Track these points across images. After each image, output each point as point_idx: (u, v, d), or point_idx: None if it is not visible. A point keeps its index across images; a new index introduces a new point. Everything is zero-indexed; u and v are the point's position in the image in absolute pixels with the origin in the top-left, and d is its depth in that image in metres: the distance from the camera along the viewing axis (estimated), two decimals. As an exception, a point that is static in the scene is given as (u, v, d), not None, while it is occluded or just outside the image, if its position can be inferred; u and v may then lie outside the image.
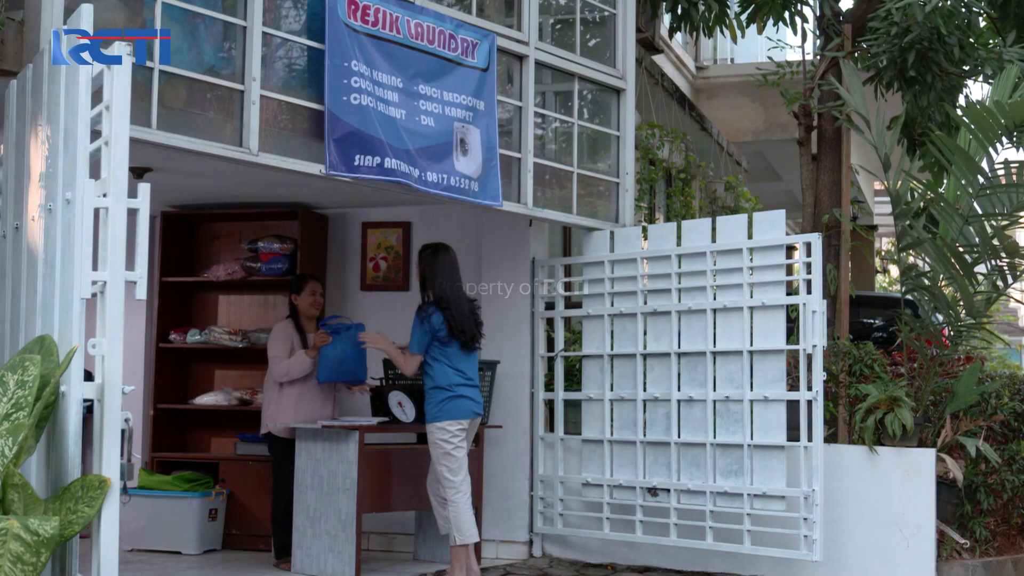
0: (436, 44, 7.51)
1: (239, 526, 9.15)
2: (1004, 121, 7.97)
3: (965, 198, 8.43)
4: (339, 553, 7.73)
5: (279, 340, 8.39)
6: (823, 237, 8.23)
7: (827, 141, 9.81)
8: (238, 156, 6.36)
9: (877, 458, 7.87)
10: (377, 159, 7.02)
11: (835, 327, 9.05)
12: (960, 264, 8.32)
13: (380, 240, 9.56)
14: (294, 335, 8.42)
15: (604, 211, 8.90)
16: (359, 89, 6.95)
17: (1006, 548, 8.57)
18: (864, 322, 11.93)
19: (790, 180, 15.92)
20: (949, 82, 9.37)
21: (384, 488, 7.93)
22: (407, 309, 9.28)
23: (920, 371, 8.62)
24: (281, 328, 8.46)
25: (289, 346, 8.38)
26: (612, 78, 8.95)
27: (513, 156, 8.12)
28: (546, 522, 8.69)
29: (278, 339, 8.40)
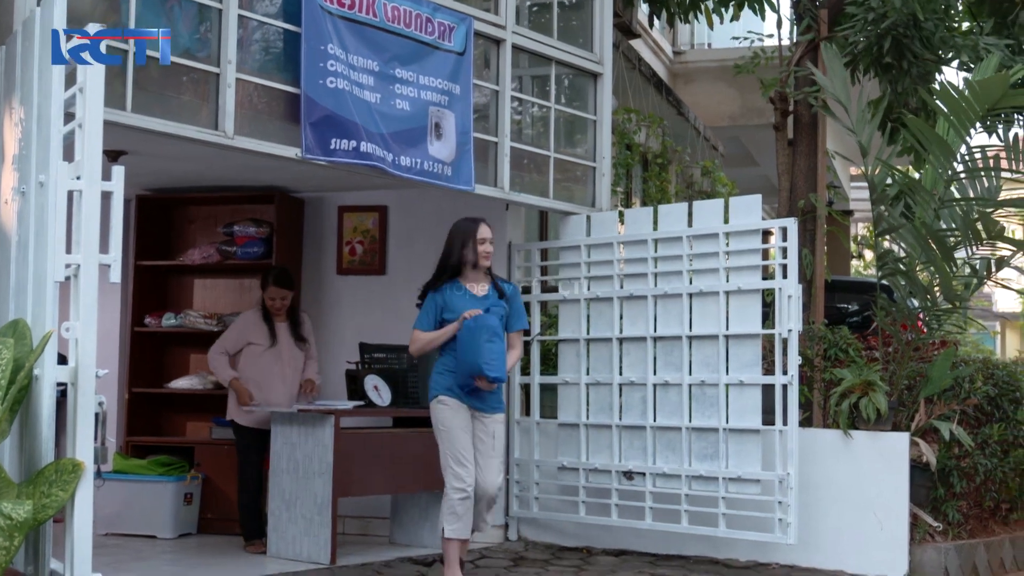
0: (413, 28, 7.49)
1: (214, 510, 9.13)
2: (977, 105, 7.98)
3: (941, 183, 8.46)
4: (315, 537, 7.72)
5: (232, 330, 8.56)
6: (799, 222, 8.25)
7: (803, 126, 9.84)
8: (214, 139, 6.34)
9: (851, 442, 7.91)
10: (353, 143, 7.01)
11: (810, 312, 9.09)
12: (940, 248, 8.34)
13: (356, 224, 9.54)
14: (258, 326, 8.46)
15: (581, 195, 8.90)
16: (335, 72, 6.92)
17: (978, 531, 8.64)
18: (839, 307, 11.96)
19: (766, 165, 15.94)
20: (925, 68, 9.40)
21: (360, 472, 7.92)
22: (383, 293, 9.31)
23: (895, 355, 8.65)
24: (244, 317, 8.55)
25: (239, 344, 8.47)
26: (589, 62, 8.94)
27: (490, 140, 8.11)
28: (522, 506, 8.71)
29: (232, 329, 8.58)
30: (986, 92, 7.91)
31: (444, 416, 6.86)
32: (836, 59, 8.66)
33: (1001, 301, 34.50)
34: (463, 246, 6.96)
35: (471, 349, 6.80)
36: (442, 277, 7.00)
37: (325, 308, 9.45)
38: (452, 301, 6.92)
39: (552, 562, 8.00)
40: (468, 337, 6.81)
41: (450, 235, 7.04)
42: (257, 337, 8.47)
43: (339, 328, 9.25)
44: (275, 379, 8.42)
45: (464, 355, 6.81)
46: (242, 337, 8.50)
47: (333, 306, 9.48)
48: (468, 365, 6.80)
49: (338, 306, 9.48)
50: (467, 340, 6.80)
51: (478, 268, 6.98)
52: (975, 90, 7.93)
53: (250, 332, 8.49)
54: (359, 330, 9.05)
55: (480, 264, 6.99)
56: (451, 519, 6.75)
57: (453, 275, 6.98)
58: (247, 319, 8.54)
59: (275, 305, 8.49)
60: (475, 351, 6.78)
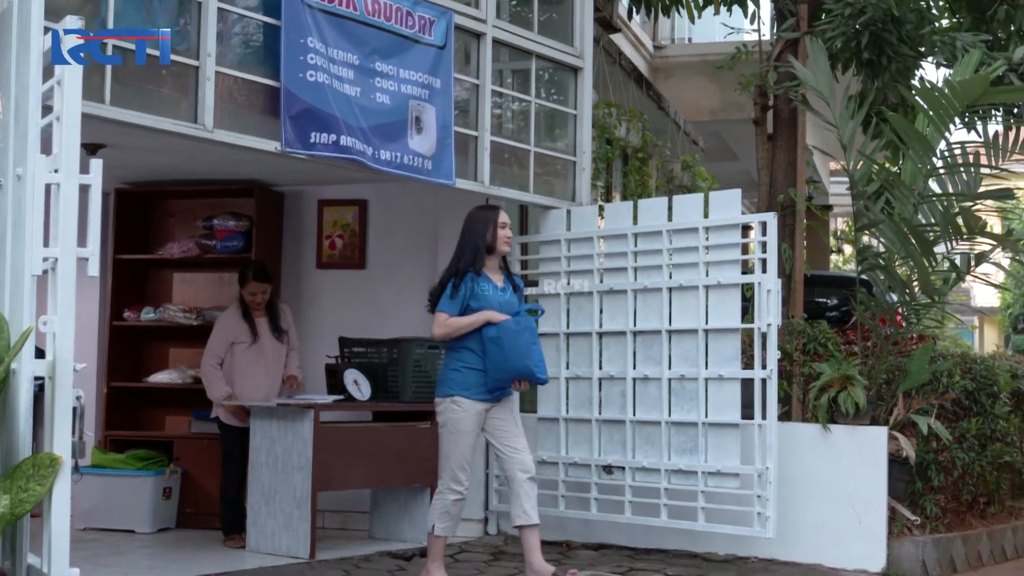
0: (393, 21, 7.48)
1: (193, 504, 9.12)
2: (957, 102, 8.01)
3: (920, 179, 8.48)
4: (294, 531, 7.71)
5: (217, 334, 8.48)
6: (778, 217, 8.26)
7: (783, 121, 9.85)
8: (193, 133, 6.31)
9: (830, 436, 7.93)
10: (333, 136, 6.99)
11: (790, 306, 9.10)
12: (919, 243, 8.37)
13: (336, 218, 9.52)
14: (239, 325, 8.44)
15: (561, 190, 8.91)
16: (315, 66, 6.91)
17: (956, 525, 8.68)
18: (818, 301, 12.00)
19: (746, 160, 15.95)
20: (904, 64, 9.42)
21: (339, 466, 7.91)
22: (363, 288, 9.31)
23: (873, 350, 8.69)
24: (225, 318, 8.51)
25: (225, 348, 8.43)
26: (570, 57, 8.94)
27: (470, 134, 8.10)
28: (502, 500, 8.70)
29: (217, 332, 8.49)
30: (966, 90, 7.94)
31: (457, 419, 6.71)
32: (820, 53, 8.67)
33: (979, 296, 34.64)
34: (484, 232, 6.87)
35: (518, 352, 6.69)
36: (468, 263, 6.82)
37: (304, 302, 9.43)
38: (478, 289, 6.78)
39: (532, 556, 7.99)
40: (512, 339, 6.69)
41: (469, 222, 6.94)
42: (240, 336, 8.45)
43: (319, 322, 9.23)
44: (259, 376, 8.40)
45: (511, 358, 6.67)
46: (227, 339, 8.47)
47: (313, 300, 9.47)
48: (514, 368, 6.69)
49: (318, 300, 9.47)
50: (512, 342, 6.68)
51: (495, 255, 6.90)
52: (955, 88, 7.95)
53: (233, 332, 8.46)
54: (339, 324, 9.04)
55: (500, 250, 6.91)
56: (443, 518, 6.69)
57: (476, 262, 6.84)
58: (227, 320, 8.51)
59: (255, 300, 8.47)
60: (524, 354, 6.70)
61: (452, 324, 6.73)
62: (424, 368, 8.46)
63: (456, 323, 6.73)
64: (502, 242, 6.88)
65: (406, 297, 9.16)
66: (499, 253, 6.90)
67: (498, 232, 6.86)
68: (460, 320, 6.73)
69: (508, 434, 6.83)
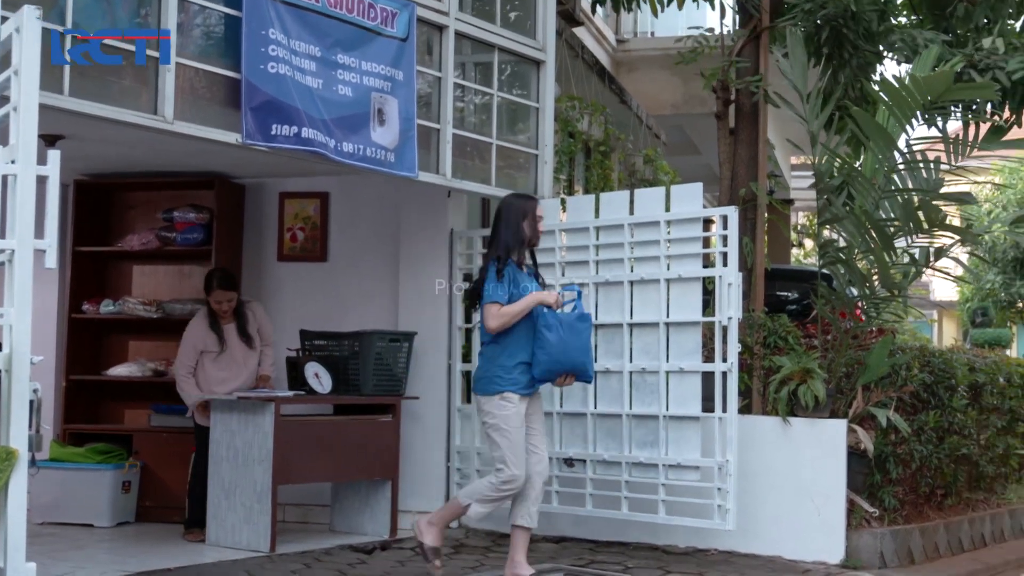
0: (355, 13, 7.45)
1: (153, 498, 9.07)
2: (920, 97, 8.05)
3: (881, 173, 8.53)
4: (254, 525, 7.69)
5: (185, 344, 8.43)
6: (740, 210, 8.30)
7: (744, 115, 9.89)
8: (153, 124, 6.26)
9: (790, 429, 7.98)
10: (294, 128, 6.96)
11: (750, 299, 9.14)
12: (880, 237, 8.41)
13: (298, 210, 9.49)
14: (207, 335, 8.40)
15: (523, 183, 8.90)
16: (276, 58, 6.88)
17: (914, 517, 8.74)
18: (779, 295, 12.05)
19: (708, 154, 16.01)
20: (864, 59, 9.48)
21: (300, 459, 7.89)
22: (325, 280, 9.28)
23: (833, 343, 8.73)
24: (192, 328, 8.45)
25: (195, 357, 8.38)
26: (532, 50, 8.94)
27: (432, 127, 8.08)
28: (463, 493, 8.71)
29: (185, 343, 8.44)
30: (930, 85, 7.97)
31: (509, 417, 6.65)
32: (798, 45, 8.69)
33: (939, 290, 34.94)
34: (523, 223, 6.84)
35: (578, 347, 6.70)
36: (510, 252, 6.76)
37: (265, 295, 9.39)
38: (518, 278, 6.76)
39: (492, 549, 8.01)
40: (572, 334, 6.69)
41: (507, 210, 6.90)
42: (208, 345, 8.41)
43: (280, 315, 9.19)
44: (229, 383, 8.33)
45: (570, 351, 6.66)
46: (195, 349, 8.42)
47: (274, 293, 9.43)
48: (570, 362, 6.69)
49: (279, 293, 9.43)
50: (571, 337, 6.67)
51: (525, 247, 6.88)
52: (919, 83, 7.99)
53: (201, 342, 8.42)
54: (300, 317, 9.02)
55: (534, 243, 6.92)
56: (487, 504, 6.71)
57: (516, 253, 6.80)
58: (195, 329, 8.45)
59: (221, 308, 8.42)
60: (583, 348, 6.71)
61: (507, 313, 6.66)
62: (385, 361, 8.45)
63: (510, 311, 6.67)
64: (538, 235, 6.91)
65: (368, 290, 9.16)
66: (531, 246, 6.92)
67: (537, 225, 6.89)
68: (513, 307, 6.68)
69: (534, 432, 6.84)
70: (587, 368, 6.80)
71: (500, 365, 6.71)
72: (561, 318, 6.72)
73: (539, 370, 6.70)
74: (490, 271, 6.73)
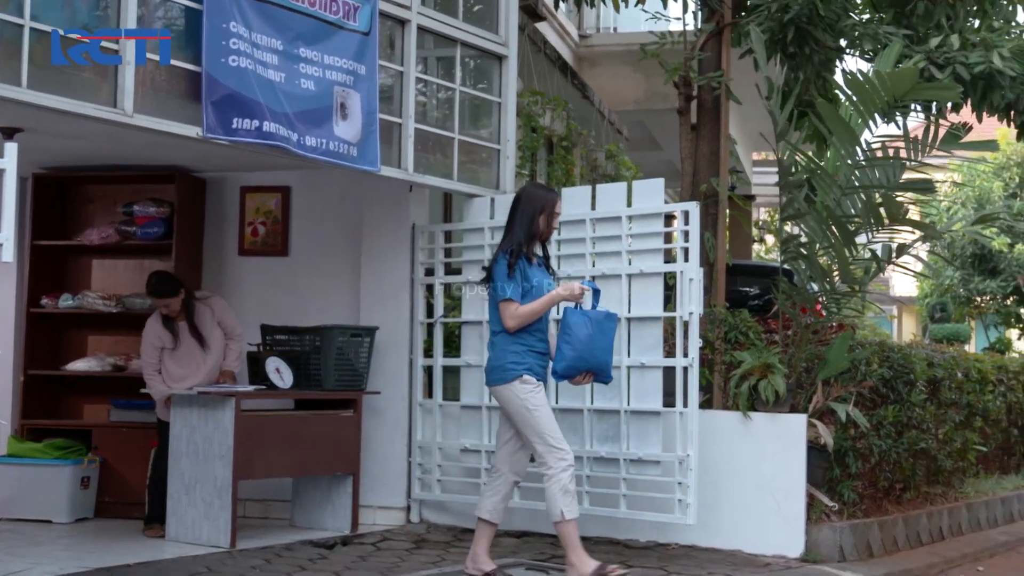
0: (317, 6, 7.42)
1: (112, 494, 9.02)
2: (884, 94, 8.09)
3: (844, 169, 8.57)
4: (214, 520, 7.66)
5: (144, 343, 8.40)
6: (701, 206, 8.32)
7: (706, 111, 9.93)
8: (112, 117, 6.22)
9: (750, 424, 8.01)
10: (256, 122, 6.92)
11: (712, 295, 9.18)
12: (841, 232, 8.45)
13: (259, 205, 9.45)
14: (161, 332, 8.36)
15: (485, 178, 8.90)
16: (238, 51, 6.83)
17: (873, 511, 8.80)
18: (740, 290, 12.10)
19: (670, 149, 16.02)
20: (826, 56, 9.53)
21: (261, 455, 7.86)
22: (286, 275, 9.25)
23: (794, 339, 8.78)
24: (148, 326, 8.41)
25: (157, 354, 8.34)
26: (494, 45, 8.93)
27: (394, 121, 8.06)
28: (424, 488, 8.70)
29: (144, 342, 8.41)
30: (895, 82, 8.01)
31: (534, 396, 6.65)
32: (759, 41, 8.72)
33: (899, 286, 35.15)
34: (540, 215, 6.83)
35: (604, 347, 6.70)
36: (523, 245, 6.75)
37: (226, 290, 9.35)
38: (529, 273, 6.75)
39: (454, 544, 8.01)
40: (600, 332, 6.68)
41: (527, 200, 6.89)
42: (165, 342, 8.37)
43: (241, 310, 9.13)
44: (188, 379, 8.26)
45: (596, 349, 6.66)
46: (154, 346, 8.38)
47: (235, 288, 9.39)
48: (593, 359, 6.67)
49: (240, 288, 9.39)
50: (599, 335, 6.67)
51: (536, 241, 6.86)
52: (883, 80, 8.03)
53: (158, 339, 8.38)
54: (261, 312, 8.97)
55: (546, 237, 6.92)
56: (567, 499, 6.62)
57: (526, 247, 6.78)
58: (151, 327, 8.42)
59: (165, 312, 8.37)
60: (609, 349, 6.71)
61: (525, 312, 6.68)
62: (347, 356, 8.43)
63: (528, 310, 6.69)
64: (552, 231, 6.91)
65: (329, 284, 9.13)
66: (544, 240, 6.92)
67: (552, 221, 6.88)
68: (533, 305, 6.70)
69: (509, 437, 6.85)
70: (610, 368, 6.79)
71: (513, 351, 6.71)
72: (590, 315, 6.72)
73: (562, 364, 6.69)
74: (501, 265, 6.72)
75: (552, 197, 6.97)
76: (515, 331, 6.70)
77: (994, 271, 23.33)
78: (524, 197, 6.94)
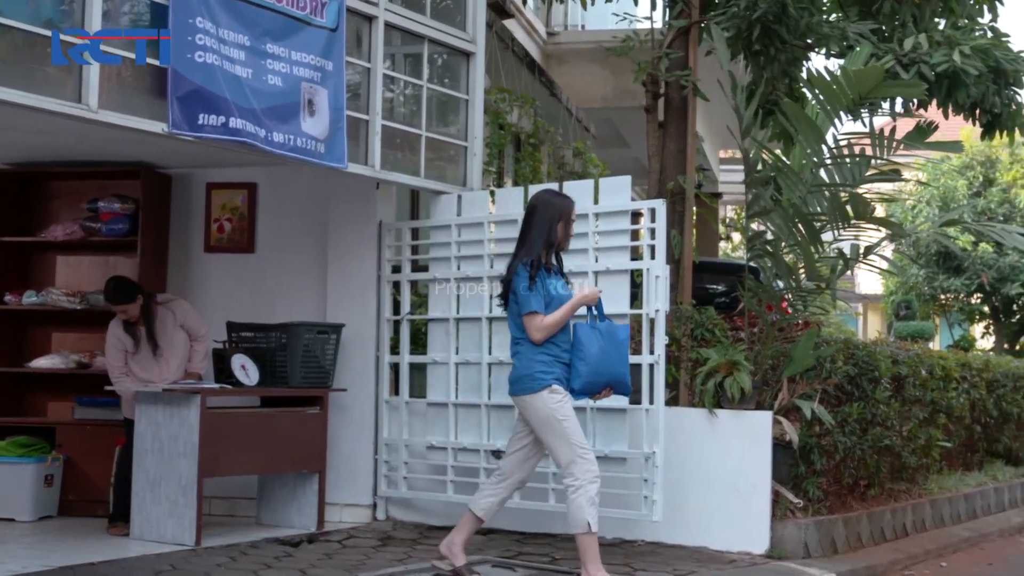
0: (284, 2, 7.39)
1: (76, 492, 8.97)
2: (850, 92, 8.12)
3: (809, 167, 8.60)
4: (179, 518, 7.62)
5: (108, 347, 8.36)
6: (668, 203, 8.35)
7: (673, 109, 9.95)
8: (76, 113, 6.18)
9: (716, 420, 8.04)
10: (222, 118, 6.90)
11: (678, 292, 9.20)
12: (807, 230, 8.48)
13: (225, 201, 9.41)
14: (123, 336, 8.32)
15: (452, 175, 8.90)
16: (204, 47, 6.80)
17: (837, 507, 8.85)
18: (707, 288, 12.14)
19: (637, 147, 16.05)
20: (793, 54, 9.56)
21: (226, 452, 7.83)
22: (252, 272, 9.21)
23: (759, 336, 8.81)
24: (110, 330, 8.37)
25: (122, 357, 8.30)
26: (462, 41, 8.92)
27: (361, 118, 8.05)
28: (390, 485, 8.70)
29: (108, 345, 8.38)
30: (861, 80, 8.04)
31: (563, 406, 6.59)
32: (721, 40, 8.75)
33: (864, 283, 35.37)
34: (557, 223, 6.77)
35: (618, 359, 6.66)
36: (542, 255, 6.69)
37: (192, 286, 9.31)
38: (547, 282, 6.69)
39: (420, 541, 8.01)
40: (612, 344, 6.64)
41: (544, 208, 6.80)
42: (127, 345, 8.33)
43: (206, 307, 9.10)
44: (153, 383, 8.22)
45: (611, 363, 6.62)
46: (118, 349, 8.34)
47: (201, 285, 9.35)
48: (611, 375, 6.64)
49: (206, 285, 9.35)
50: (612, 347, 6.63)
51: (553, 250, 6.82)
52: (849, 78, 8.06)
53: (120, 342, 8.35)
54: (227, 309, 8.95)
55: (564, 247, 6.90)
56: (592, 510, 6.52)
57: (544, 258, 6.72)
58: (113, 330, 8.38)
59: (124, 317, 8.32)
60: (624, 361, 6.67)
61: (550, 323, 6.62)
62: (313, 353, 8.41)
63: (552, 320, 6.64)
64: (569, 238, 6.88)
65: (296, 281, 9.11)
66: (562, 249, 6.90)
67: (569, 228, 6.85)
68: (555, 316, 6.65)
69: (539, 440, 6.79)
70: (628, 380, 6.75)
71: (540, 361, 6.63)
72: (600, 328, 6.69)
73: (580, 382, 6.63)
74: (521, 278, 6.64)
75: (569, 204, 6.89)
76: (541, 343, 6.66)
77: (958, 269, 23.52)
78: (541, 205, 6.84)
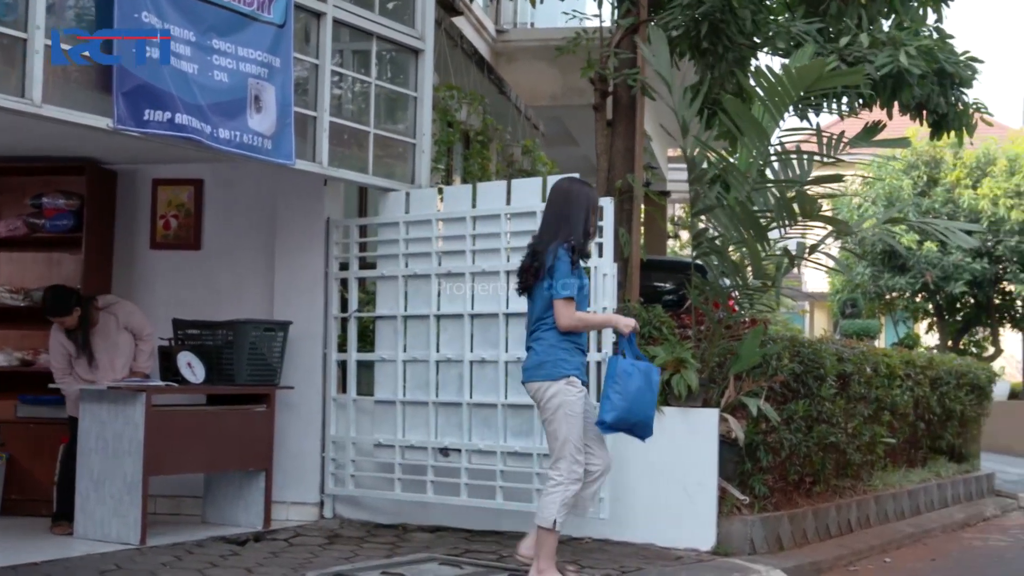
0: (231, -2, 7.36)
1: (19, 491, 8.88)
2: (794, 88, 8.17)
3: (755, 166, 8.65)
4: (123, 517, 7.56)
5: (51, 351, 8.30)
6: (616, 202, 8.37)
7: (622, 107, 9.98)
8: (19, 107, 6.11)
9: (663, 418, 8.06)
10: (168, 114, 6.84)
11: (626, 290, 9.23)
12: (753, 228, 8.52)
13: (171, 197, 9.34)
14: (64, 340, 8.25)
15: (401, 172, 8.88)
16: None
17: (783, 504, 8.92)
18: (655, 286, 12.18)
19: (586, 145, 16.10)
20: (740, 53, 9.62)
21: (172, 450, 7.78)
22: (198, 269, 9.15)
23: (706, 334, 8.86)
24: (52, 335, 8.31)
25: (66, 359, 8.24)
26: (411, 39, 8.90)
27: (309, 115, 8.01)
28: (337, 483, 8.67)
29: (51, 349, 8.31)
30: (803, 76, 8.08)
31: (573, 401, 6.41)
32: (660, 41, 8.78)
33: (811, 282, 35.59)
34: (592, 214, 6.63)
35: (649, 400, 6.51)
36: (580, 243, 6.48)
37: (138, 284, 9.24)
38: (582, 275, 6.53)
39: (367, 539, 7.99)
40: (649, 390, 6.49)
41: (578, 197, 6.60)
42: (69, 349, 8.26)
43: (152, 304, 9.03)
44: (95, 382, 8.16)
45: (645, 405, 6.47)
46: (61, 353, 8.27)
47: (146, 282, 9.28)
48: (643, 415, 6.49)
49: (151, 282, 9.28)
50: (646, 388, 6.46)
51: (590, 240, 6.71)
52: (791, 74, 8.11)
53: (62, 346, 8.27)
54: (173, 306, 8.89)
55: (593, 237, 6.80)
56: (563, 510, 6.40)
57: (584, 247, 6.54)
58: (54, 335, 8.31)
59: (62, 327, 8.25)
60: (652, 404, 6.54)
61: (583, 321, 6.51)
62: (260, 350, 8.37)
63: (586, 321, 6.59)
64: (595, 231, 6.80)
65: (242, 278, 9.06)
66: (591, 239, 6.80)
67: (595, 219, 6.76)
68: (591, 318, 6.68)
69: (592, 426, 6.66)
70: (652, 423, 6.63)
71: (563, 348, 6.44)
72: (640, 367, 6.51)
73: (612, 415, 6.43)
74: (563, 259, 6.37)
75: (595, 197, 6.77)
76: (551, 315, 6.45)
77: (903, 268, 23.71)
78: (574, 193, 6.62)
